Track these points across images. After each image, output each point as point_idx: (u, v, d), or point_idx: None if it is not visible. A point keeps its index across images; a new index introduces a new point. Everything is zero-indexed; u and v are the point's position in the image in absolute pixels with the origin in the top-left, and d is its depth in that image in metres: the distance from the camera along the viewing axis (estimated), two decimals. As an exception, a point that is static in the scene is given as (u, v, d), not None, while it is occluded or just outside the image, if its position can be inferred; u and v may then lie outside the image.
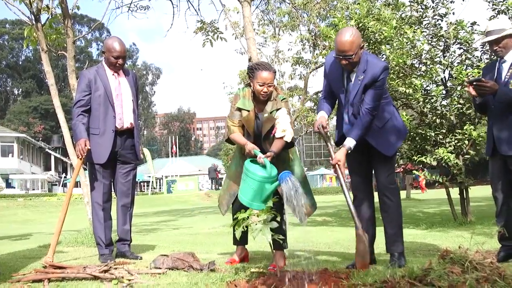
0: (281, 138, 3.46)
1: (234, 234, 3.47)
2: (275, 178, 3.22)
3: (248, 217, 3.06)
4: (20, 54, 67.46)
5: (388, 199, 3.43)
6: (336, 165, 3.27)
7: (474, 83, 3.55)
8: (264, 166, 3.25)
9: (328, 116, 3.60)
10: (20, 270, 3.40)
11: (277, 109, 3.54)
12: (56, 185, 43.97)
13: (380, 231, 3.62)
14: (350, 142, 3.29)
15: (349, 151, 3.28)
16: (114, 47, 3.97)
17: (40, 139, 52.10)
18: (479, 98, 3.65)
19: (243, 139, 3.56)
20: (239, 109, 3.63)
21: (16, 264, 3.72)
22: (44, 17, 6.52)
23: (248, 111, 3.59)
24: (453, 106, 7.04)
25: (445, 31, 7.23)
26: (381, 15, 7.26)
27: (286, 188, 3.08)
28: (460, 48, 7.24)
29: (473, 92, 3.55)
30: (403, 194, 16.77)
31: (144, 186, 46.08)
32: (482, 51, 7.13)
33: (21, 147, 41.25)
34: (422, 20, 7.48)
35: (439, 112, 7.16)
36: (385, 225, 3.46)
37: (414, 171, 8.54)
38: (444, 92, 7.18)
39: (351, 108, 3.40)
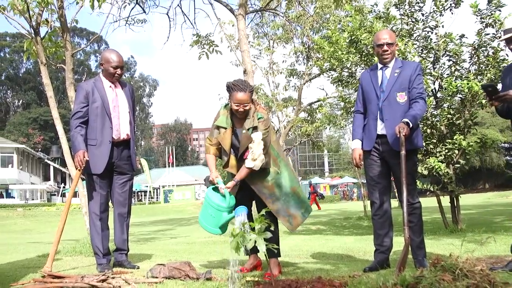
0: (250, 168, 3.56)
1: (244, 246, 3.53)
2: (233, 208, 3.44)
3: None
4: (21, 67, 67.76)
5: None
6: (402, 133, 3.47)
7: (490, 88, 3.44)
8: (224, 196, 3.45)
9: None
10: (19, 279, 3.43)
11: (254, 128, 3.60)
12: (55, 195, 43.99)
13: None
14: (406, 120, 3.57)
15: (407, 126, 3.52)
16: (112, 57, 4.05)
17: (40, 149, 52.19)
18: (501, 106, 3.58)
19: (211, 164, 3.72)
20: (218, 127, 3.72)
21: (15, 273, 3.74)
22: (43, 30, 6.62)
23: (226, 128, 3.66)
24: (443, 116, 7.18)
25: (435, 43, 7.37)
26: (373, 27, 7.39)
27: (238, 222, 3.18)
28: (449, 60, 7.36)
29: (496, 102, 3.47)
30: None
31: (141, 195, 46.04)
32: (470, 63, 7.29)
33: (20, 158, 41.28)
34: (412, 32, 7.60)
35: (429, 122, 7.28)
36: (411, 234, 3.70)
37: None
38: (434, 102, 7.31)
39: (385, 104, 3.75)
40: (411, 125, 3.53)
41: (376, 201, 3.86)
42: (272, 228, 3.12)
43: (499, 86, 3.62)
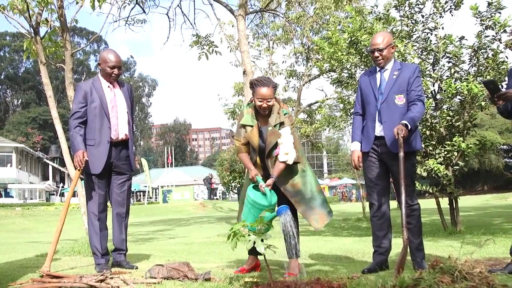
0: (284, 162, 3.59)
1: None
2: (275, 206, 3.46)
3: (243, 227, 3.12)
4: (20, 66, 67.86)
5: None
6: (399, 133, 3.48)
7: (491, 85, 3.42)
8: (265, 194, 3.46)
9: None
10: (17, 279, 3.44)
11: (280, 123, 3.65)
12: (53, 194, 43.94)
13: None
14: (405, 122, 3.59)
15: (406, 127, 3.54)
16: (110, 57, 4.07)
17: (39, 149, 52.16)
18: (503, 105, 3.54)
19: (248, 163, 3.71)
20: (243, 126, 3.74)
21: (13, 273, 3.74)
22: (43, 30, 6.61)
23: (252, 126, 3.68)
24: (442, 118, 7.19)
25: (434, 45, 7.37)
26: (373, 29, 7.40)
27: (283, 220, 3.30)
28: (449, 62, 7.36)
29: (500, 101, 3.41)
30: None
31: (140, 195, 46.06)
32: (470, 65, 7.29)
33: (19, 157, 41.25)
34: (412, 34, 7.62)
35: (428, 124, 7.28)
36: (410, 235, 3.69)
37: None
38: (433, 104, 7.31)
39: (383, 106, 3.76)
40: (409, 127, 3.54)
41: (375, 202, 3.88)
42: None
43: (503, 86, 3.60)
